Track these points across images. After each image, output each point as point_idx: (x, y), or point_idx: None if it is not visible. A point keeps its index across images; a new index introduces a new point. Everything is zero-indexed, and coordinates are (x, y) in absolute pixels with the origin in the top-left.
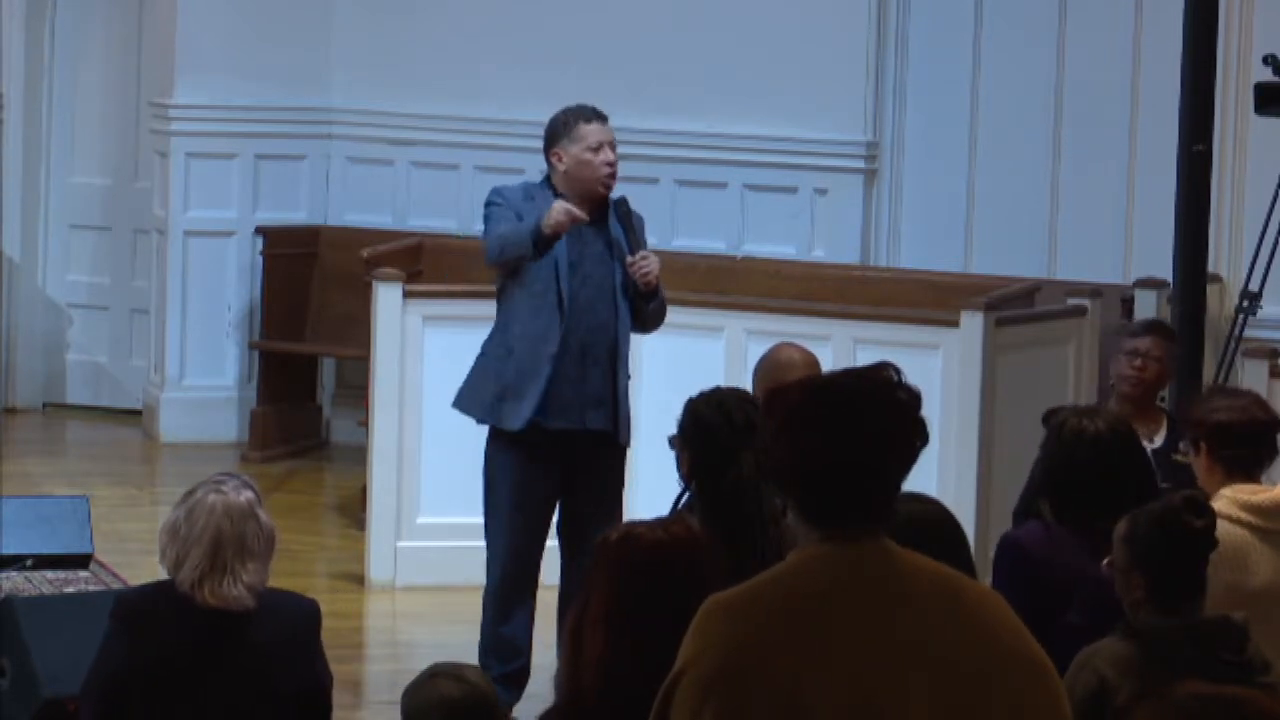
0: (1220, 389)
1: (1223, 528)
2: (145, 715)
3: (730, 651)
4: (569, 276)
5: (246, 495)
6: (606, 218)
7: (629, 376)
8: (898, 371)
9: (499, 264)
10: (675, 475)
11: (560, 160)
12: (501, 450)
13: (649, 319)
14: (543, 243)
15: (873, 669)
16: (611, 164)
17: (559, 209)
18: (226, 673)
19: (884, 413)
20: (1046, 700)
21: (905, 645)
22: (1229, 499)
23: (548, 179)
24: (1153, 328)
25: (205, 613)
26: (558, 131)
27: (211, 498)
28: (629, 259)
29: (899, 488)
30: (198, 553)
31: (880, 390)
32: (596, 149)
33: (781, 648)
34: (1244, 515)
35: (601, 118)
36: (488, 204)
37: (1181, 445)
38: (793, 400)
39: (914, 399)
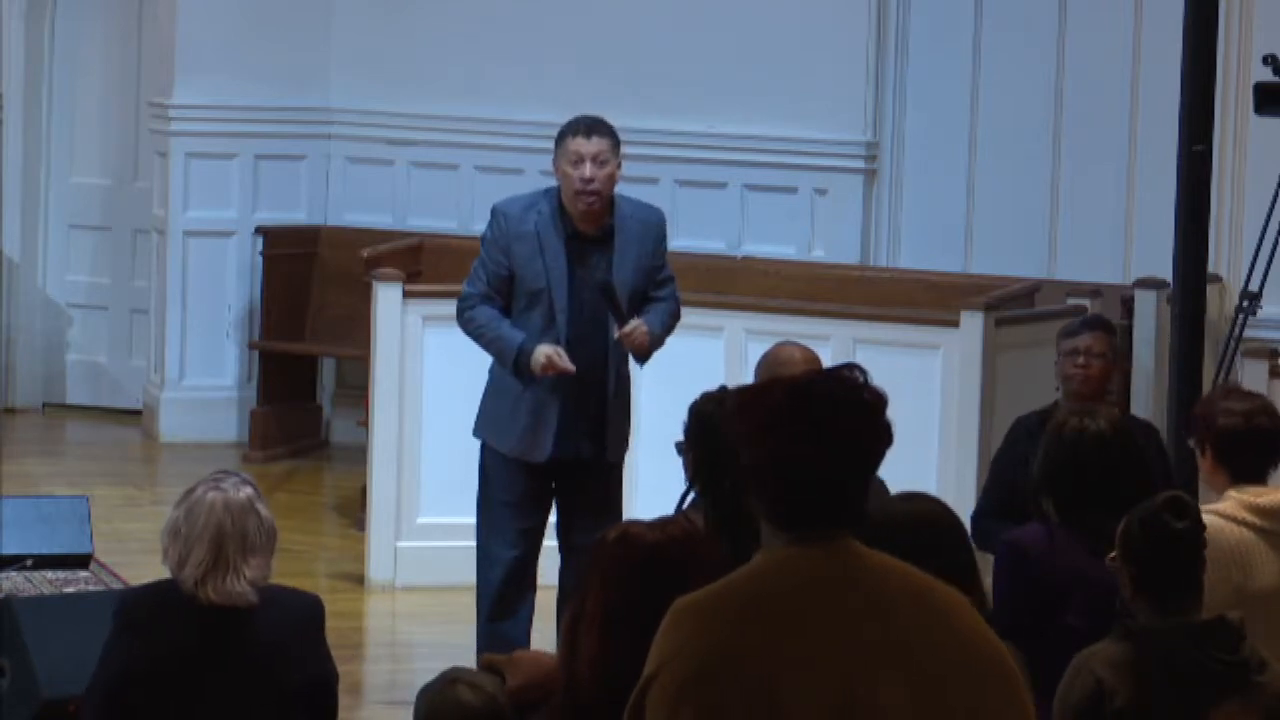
0: (1231, 390)
1: (1228, 529)
2: (150, 715)
3: (705, 653)
4: (567, 309)
5: (246, 491)
6: (610, 237)
7: (629, 394)
8: (863, 373)
9: (465, 335)
10: (677, 477)
11: (556, 172)
12: (496, 455)
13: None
14: (525, 373)
15: (849, 669)
16: (588, 179)
17: (547, 363)
18: (231, 669)
19: (854, 415)
20: (1009, 704)
21: (878, 646)
22: (1235, 500)
23: (558, 188)
24: (1090, 324)
25: (209, 610)
26: (556, 142)
27: (211, 495)
28: (615, 337)
29: (867, 490)
30: (200, 550)
31: (849, 392)
32: (575, 164)
33: (757, 648)
34: (1249, 517)
35: (589, 131)
36: (484, 238)
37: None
38: (765, 402)
39: (880, 401)
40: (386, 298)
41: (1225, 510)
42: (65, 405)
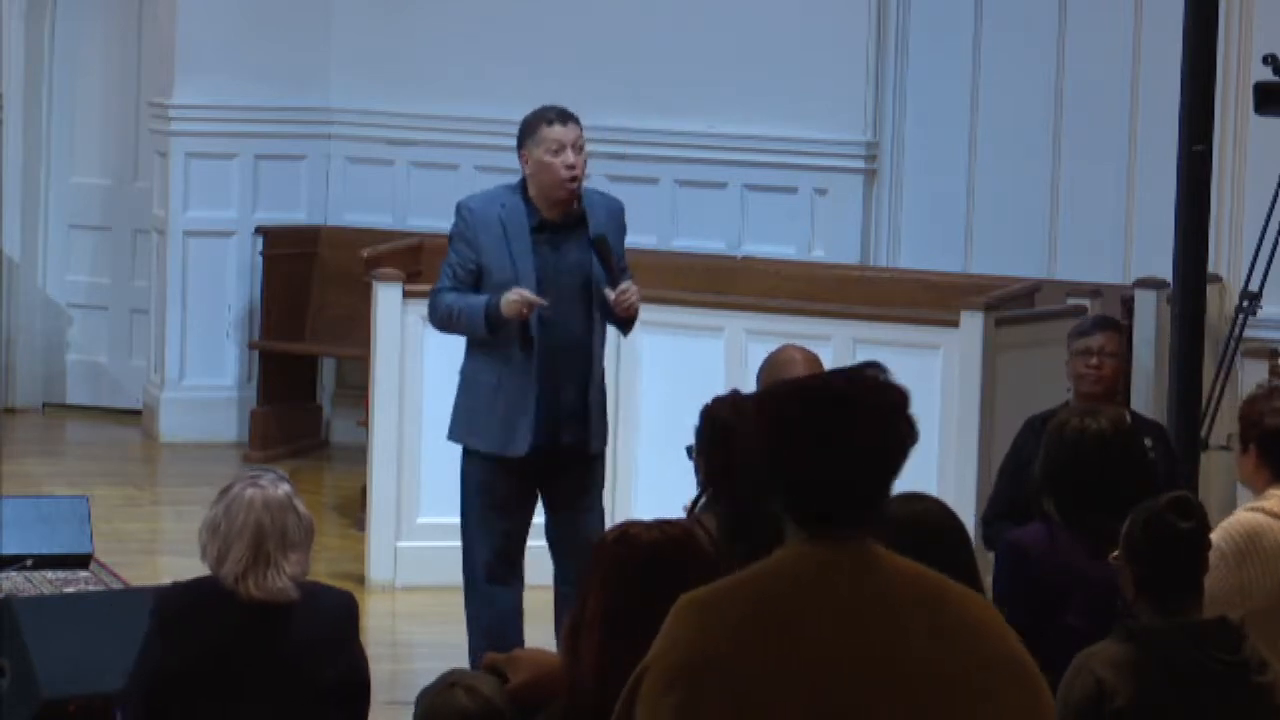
0: (1275, 389)
1: (1276, 526)
2: (190, 712)
3: (695, 647)
4: (536, 295)
5: (284, 488)
6: (581, 222)
7: (604, 389)
8: (883, 370)
9: (441, 331)
10: (678, 476)
11: (526, 162)
12: (475, 456)
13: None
14: (499, 325)
15: (840, 674)
16: (571, 166)
17: (517, 300)
18: (270, 665)
19: (878, 414)
20: (1031, 704)
21: (877, 650)
22: None
23: (523, 181)
24: (1102, 323)
25: (248, 606)
26: (524, 133)
27: (250, 492)
28: (610, 295)
29: (890, 489)
30: (240, 547)
31: (873, 391)
32: (557, 151)
33: (747, 647)
34: None
35: (566, 119)
36: (451, 235)
37: (1231, 442)
38: (786, 402)
39: (903, 398)
40: (386, 298)
41: (1271, 508)
42: (65, 405)
